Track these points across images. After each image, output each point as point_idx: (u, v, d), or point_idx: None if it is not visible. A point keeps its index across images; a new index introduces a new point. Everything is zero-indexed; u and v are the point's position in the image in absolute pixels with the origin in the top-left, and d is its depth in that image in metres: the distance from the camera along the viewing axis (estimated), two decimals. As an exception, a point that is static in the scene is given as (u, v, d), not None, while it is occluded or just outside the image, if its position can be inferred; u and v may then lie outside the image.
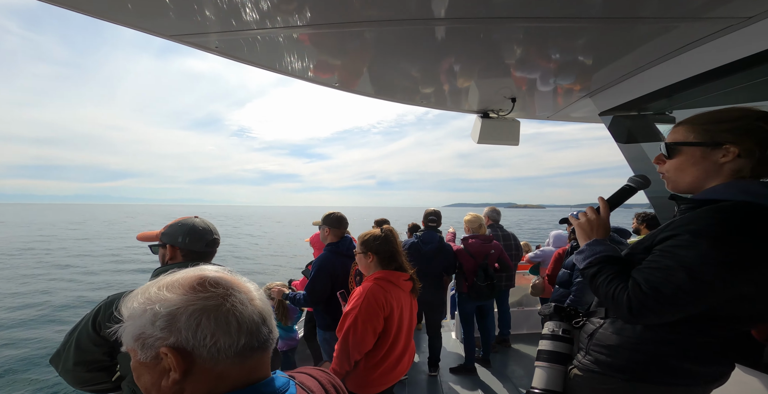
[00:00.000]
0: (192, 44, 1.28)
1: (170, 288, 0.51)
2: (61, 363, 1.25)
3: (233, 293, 0.51)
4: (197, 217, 1.43)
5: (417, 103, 1.98)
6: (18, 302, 9.56)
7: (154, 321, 0.48)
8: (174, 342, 0.48)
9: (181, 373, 0.48)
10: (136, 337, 0.50)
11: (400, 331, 1.58)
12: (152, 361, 0.49)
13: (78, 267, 14.97)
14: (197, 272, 0.54)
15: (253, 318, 0.51)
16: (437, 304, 3.07)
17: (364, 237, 1.65)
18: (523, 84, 1.64)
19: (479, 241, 3.08)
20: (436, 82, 1.67)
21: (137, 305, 0.51)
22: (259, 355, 0.53)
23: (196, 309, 0.48)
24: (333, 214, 2.43)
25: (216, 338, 0.48)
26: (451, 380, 2.94)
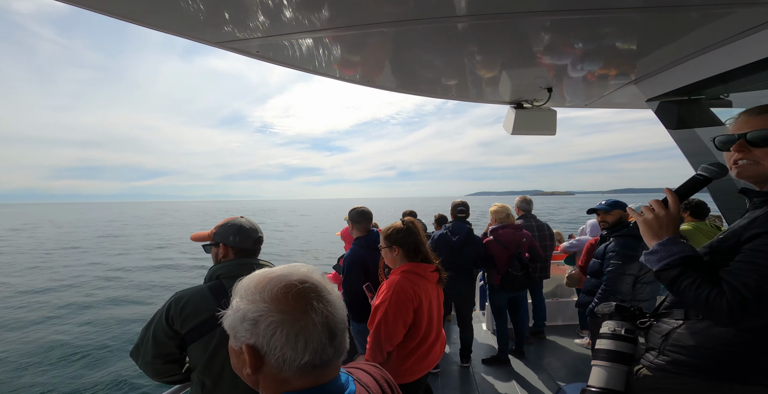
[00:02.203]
0: (235, 50, 1.34)
1: (261, 291, 0.55)
2: (141, 356, 1.33)
3: (311, 310, 0.54)
4: (243, 217, 1.50)
5: (443, 96, 1.96)
6: (80, 293, 10.51)
7: (243, 321, 0.54)
8: (253, 343, 0.54)
9: (252, 370, 0.55)
10: (230, 328, 0.57)
11: (431, 322, 1.60)
12: (238, 350, 0.56)
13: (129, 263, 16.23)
14: (289, 279, 0.57)
15: (321, 339, 0.54)
16: (467, 295, 3.07)
17: (387, 231, 1.66)
18: (561, 74, 1.58)
19: (510, 230, 3.02)
20: (466, 76, 1.64)
21: (237, 300, 0.57)
22: (320, 371, 0.56)
23: (274, 321, 0.53)
24: (356, 209, 2.48)
25: (284, 351, 0.53)
26: (484, 371, 2.96)
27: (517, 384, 2.76)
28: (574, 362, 3.12)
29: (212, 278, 1.35)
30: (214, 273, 1.36)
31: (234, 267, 1.35)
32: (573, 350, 3.35)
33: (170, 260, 16.26)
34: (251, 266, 1.36)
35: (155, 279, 12.24)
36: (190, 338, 1.27)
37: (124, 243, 23.10)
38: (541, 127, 2.08)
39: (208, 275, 1.37)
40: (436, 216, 4.54)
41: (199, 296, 1.29)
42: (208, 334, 1.28)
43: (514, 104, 2.07)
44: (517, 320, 3.22)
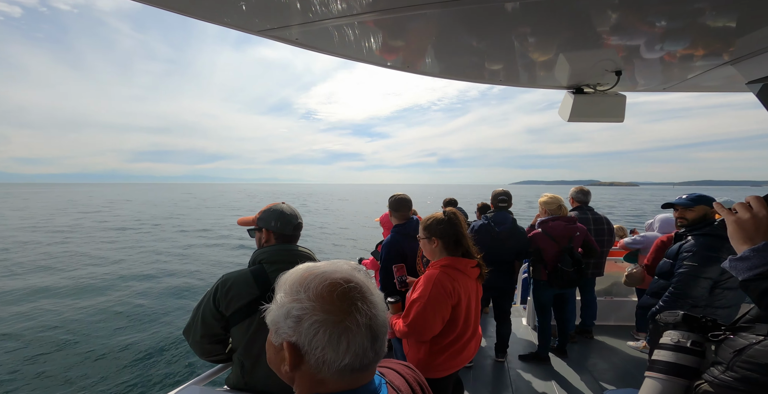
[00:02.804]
0: (275, 38, 1.35)
1: (306, 289, 0.54)
2: (191, 335, 1.40)
3: (355, 311, 0.53)
4: (284, 202, 1.54)
5: (490, 82, 1.82)
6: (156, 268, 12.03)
7: (287, 318, 0.54)
8: (295, 341, 0.53)
9: (291, 367, 0.54)
10: (273, 323, 0.56)
11: (468, 319, 1.54)
12: (278, 346, 0.56)
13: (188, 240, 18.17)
14: (334, 276, 0.56)
15: (364, 342, 0.53)
16: (507, 289, 2.95)
17: (427, 221, 1.59)
18: (634, 55, 1.37)
19: (562, 223, 2.79)
20: (516, 59, 1.50)
21: (282, 296, 0.56)
22: (358, 374, 0.55)
23: (318, 320, 0.52)
24: (395, 196, 2.47)
25: (325, 352, 0.51)
26: (520, 367, 2.86)
27: (556, 383, 2.63)
28: (624, 365, 2.89)
29: (255, 262, 1.40)
30: (256, 258, 1.41)
31: (275, 253, 1.40)
32: (624, 353, 3.10)
33: (223, 238, 17.87)
34: (291, 252, 1.42)
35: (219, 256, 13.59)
36: (234, 320, 1.33)
37: (190, 221, 25.95)
38: (605, 114, 1.87)
39: (251, 259, 1.43)
40: (479, 204, 4.38)
41: (243, 280, 1.33)
42: (248, 318, 1.32)
43: (572, 89, 1.86)
44: (562, 317, 3.03)
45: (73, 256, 12.65)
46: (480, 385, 2.59)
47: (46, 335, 5.94)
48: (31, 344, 5.64)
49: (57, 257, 12.29)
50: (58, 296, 8.07)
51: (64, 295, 8.12)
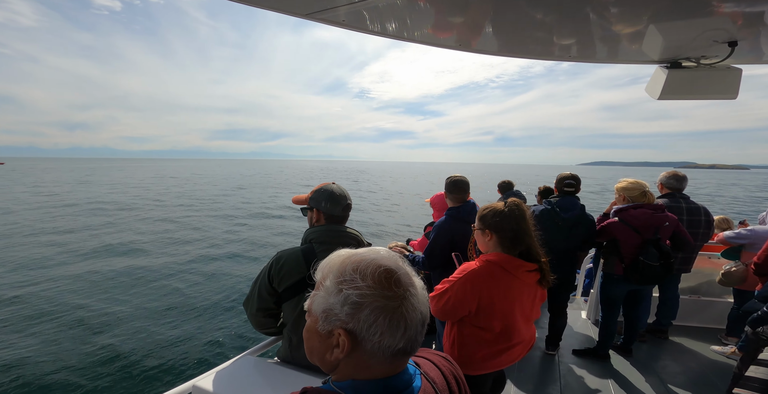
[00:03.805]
0: (322, 20, 1.32)
1: (363, 275, 0.54)
2: (249, 308, 1.46)
3: (408, 296, 0.54)
4: (334, 183, 1.56)
5: (558, 58, 1.58)
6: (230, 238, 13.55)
7: (344, 304, 0.53)
8: (351, 328, 0.53)
9: (345, 354, 0.54)
10: (324, 310, 0.55)
11: (513, 325, 1.41)
12: (326, 333, 0.55)
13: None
14: (386, 262, 0.56)
15: (418, 326, 0.54)
16: (566, 280, 2.73)
17: (483, 211, 1.47)
18: (757, 23, 1.08)
19: (648, 211, 2.43)
20: (592, 33, 1.28)
21: (333, 282, 0.55)
22: (404, 359, 0.56)
23: (378, 307, 0.52)
24: (451, 178, 2.38)
25: (383, 337, 0.52)
26: (573, 362, 2.70)
27: (614, 382, 2.43)
28: (702, 370, 2.57)
29: (306, 241, 1.45)
30: (307, 237, 1.45)
31: (323, 233, 1.43)
32: (705, 357, 2.75)
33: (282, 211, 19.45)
34: (339, 233, 1.45)
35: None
36: (285, 296, 1.38)
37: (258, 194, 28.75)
38: (712, 90, 1.55)
39: (303, 238, 1.47)
40: (541, 188, 4.03)
41: (294, 258, 1.37)
42: (297, 296, 1.36)
43: (665, 64, 1.56)
44: (633, 314, 2.74)
45: (157, 221, 14.96)
46: (525, 377, 2.51)
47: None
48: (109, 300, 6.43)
49: (145, 228, 14.52)
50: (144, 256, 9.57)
51: (143, 256, 9.52)
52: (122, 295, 6.72)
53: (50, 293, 6.81)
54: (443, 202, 2.87)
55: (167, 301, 6.47)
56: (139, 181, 41.66)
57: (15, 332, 5.26)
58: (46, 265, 8.60)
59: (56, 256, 9.41)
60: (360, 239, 1.50)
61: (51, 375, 4.19)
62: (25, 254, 9.42)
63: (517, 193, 4.01)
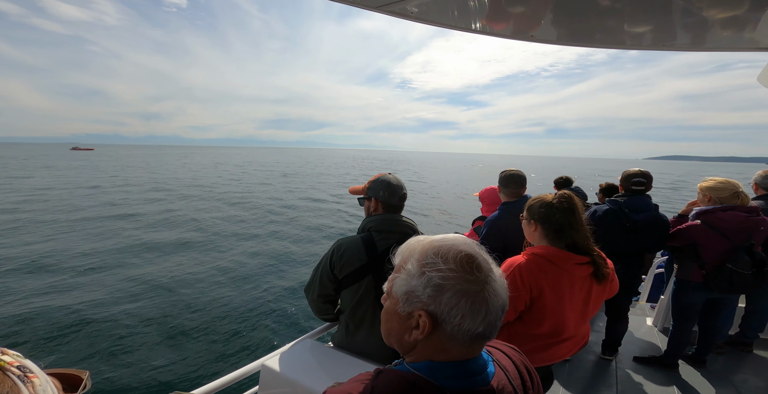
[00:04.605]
0: (393, 13, 1.33)
1: (445, 259, 0.55)
2: (310, 294, 1.50)
3: (490, 281, 0.55)
4: (390, 173, 1.59)
5: (630, 47, 1.43)
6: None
7: (426, 287, 0.54)
8: (432, 310, 0.54)
9: (425, 335, 0.55)
10: (405, 292, 0.57)
11: (564, 320, 1.36)
12: (405, 315, 0.57)
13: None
14: (466, 248, 0.57)
15: (498, 311, 0.55)
16: (629, 284, 2.54)
17: (532, 201, 1.44)
18: None
19: (741, 214, 2.17)
20: (674, 17, 1.14)
21: (415, 265, 0.57)
22: (481, 343, 0.57)
23: (460, 290, 0.53)
24: (506, 172, 2.31)
25: (464, 320, 0.53)
26: (633, 369, 2.52)
27: (679, 391, 2.25)
28: None
29: (364, 229, 1.49)
30: (365, 225, 1.49)
31: (382, 222, 1.46)
32: None
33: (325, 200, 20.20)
34: (397, 222, 1.48)
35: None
36: (344, 283, 1.42)
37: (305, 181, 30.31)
38: None
39: (360, 227, 1.52)
40: (603, 185, 3.72)
41: (354, 246, 1.41)
42: (357, 283, 1.39)
43: None
44: (711, 324, 2.49)
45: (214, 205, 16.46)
46: (575, 380, 2.41)
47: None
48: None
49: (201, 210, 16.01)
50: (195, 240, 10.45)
51: (197, 244, 10.21)
52: (201, 281, 7.22)
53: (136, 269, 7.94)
54: (494, 196, 2.79)
55: (238, 287, 7.03)
56: (217, 166, 47.89)
57: (111, 303, 6.18)
58: (145, 247, 9.71)
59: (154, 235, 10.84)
60: (415, 228, 1.53)
61: (135, 352, 4.68)
62: (136, 234, 10.76)
63: (577, 189, 3.74)
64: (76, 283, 6.97)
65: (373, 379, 0.57)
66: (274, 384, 1.28)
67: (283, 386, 1.25)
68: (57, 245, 9.41)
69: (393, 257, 0.65)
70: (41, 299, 6.17)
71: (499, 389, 0.58)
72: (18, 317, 5.50)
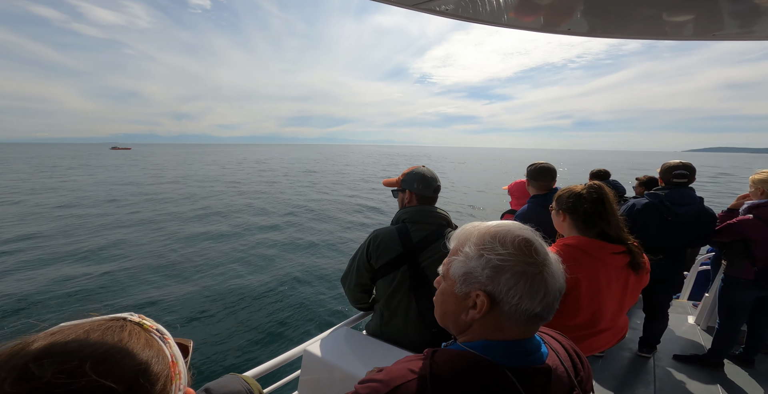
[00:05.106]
0: (427, 10, 1.34)
1: (502, 242, 0.57)
2: (347, 283, 1.53)
3: (548, 264, 0.57)
4: (424, 166, 1.61)
5: (669, 37, 1.36)
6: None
7: (485, 268, 0.56)
8: (490, 290, 0.56)
9: (482, 315, 0.57)
10: (464, 273, 0.59)
11: (600, 310, 1.33)
12: (462, 295, 0.59)
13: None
14: (523, 233, 0.59)
15: (556, 293, 0.57)
16: (668, 279, 2.43)
17: (561, 192, 1.43)
18: None
19: None
20: (722, 5, 1.07)
21: (473, 248, 0.59)
22: (537, 324, 0.58)
23: (519, 271, 0.55)
24: (533, 165, 2.27)
25: (521, 300, 0.55)
26: (673, 367, 2.43)
27: (723, 390, 2.16)
28: None
29: (398, 221, 1.51)
30: (400, 217, 1.51)
31: (416, 213, 1.48)
32: None
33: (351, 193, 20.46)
34: (431, 213, 1.49)
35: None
36: (380, 273, 1.44)
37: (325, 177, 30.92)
38: None
39: (394, 218, 1.54)
40: (642, 178, 3.54)
41: (390, 236, 1.43)
42: (392, 273, 1.41)
43: None
44: (762, 322, 2.37)
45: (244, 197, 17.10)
46: (609, 376, 2.35)
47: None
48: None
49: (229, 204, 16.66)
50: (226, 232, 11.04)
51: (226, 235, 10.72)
52: (247, 270, 7.78)
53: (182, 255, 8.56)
54: (523, 189, 2.74)
55: (278, 276, 7.39)
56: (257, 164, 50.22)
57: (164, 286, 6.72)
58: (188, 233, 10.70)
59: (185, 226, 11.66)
60: (449, 220, 1.53)
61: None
62: (178, 227, 11.54)
63: (615, 183, 3.57)
64: (133, 268, 7.71)
65: (429, 357, 0.58)
66: (315, 368, 1.35)
67: (323, 369, 1.32)
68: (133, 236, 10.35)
69: (448, 241, 0.66)
70: (105, 281, 6.91)
71: (554, 369, 0.59)
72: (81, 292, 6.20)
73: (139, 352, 0.41)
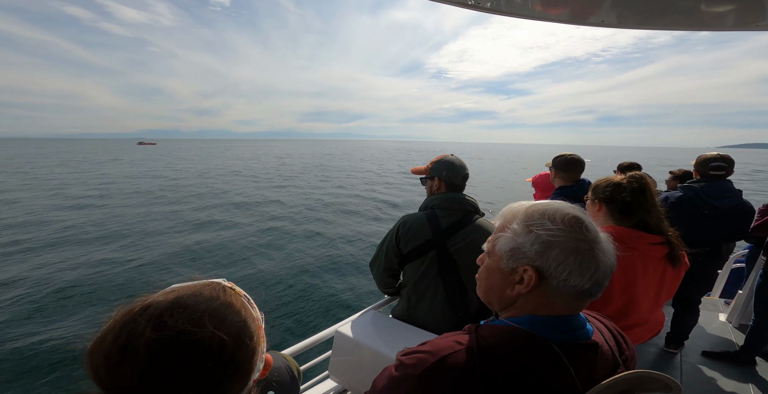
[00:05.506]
0: (451, 2, 1.34)
1: (552, 219, 0.57)
2: (375, 268, 1.57)
3: (599, 241, 0.56)
4: (452, 155, 1.62)
5: (707, 28, 1.29)
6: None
7: (534, 243, 0.56)
8: (539, 265, 0.56)
9: (529, 290, 0.57)
10: (511, 248, 0.58)
11: (634, 300, 1.29)
12: (508, 270, 0.59)
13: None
14: (572, 211, 0.59)
15: (607, 270, 0.56)
16: (700, 275, 2.36)
17: (598, 181, 1.41)
18: None
19: None
20: None
21: (521, 225, 0.59)
22: (585, 300, 0.58)
23: (569, 247, 0.54)
24: (562, 156, 2.24)
25: (571, 276, 0.54)
26: (702, 363, 2.37)
27: (756, 388, 2.09)
28: None
29: (427, 207, 1.53)
30: (429, 203, 1.54)
31: (445, 200, 1.49)
32: None
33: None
34: (459, 200, 1.51)
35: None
36: (408, 258, 1.47)
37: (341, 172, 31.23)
38: None
39: (423, 204, 1.57)
40: (677, 172, 3.42)
41: (419, 222, 1.46)
42: (420, 257, 1.44)
43: None
44: None
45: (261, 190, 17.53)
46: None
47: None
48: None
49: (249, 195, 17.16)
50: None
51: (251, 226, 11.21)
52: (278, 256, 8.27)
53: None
54: (547, 182, 2.72)
55: (309, 264, 7.80)
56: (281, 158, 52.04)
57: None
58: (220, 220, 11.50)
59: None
60: (477, 207, 1.55)
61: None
62: (209, 213, 12.63)
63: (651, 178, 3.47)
64: (172, 252, 8.34)
65: (474, 331, 0.58)
66: (345, 348, 1.41)
67: (353, 349, 1.38)
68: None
69: (467, 229, 0.67)
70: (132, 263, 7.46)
71: (600, 346, 0.58)
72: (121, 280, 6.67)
73: (240, 311, 0.47)
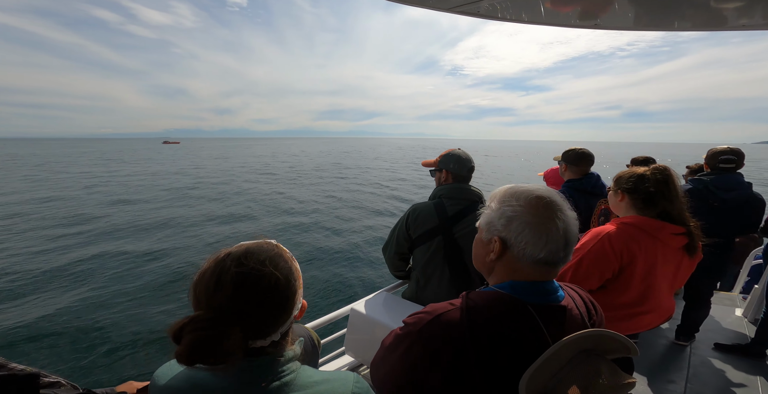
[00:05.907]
0: (462, 12, 1.44)
1: (517, 197, 0.69)
2: (387, 252, 1.70)
3: (555, 218, 0.66)
4: (460, 149, 1.75)
5: (729, 27, 1.33)
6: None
7: (500, 217, 0.69)
8: (504, 236, 0.68)
9: (496, 256, 0.70)
10: (487, 222, 0.72)
11: (652, 289, 1.33)
12: (486, 241, 0.72)
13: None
14: (539, 192, 0.69)
15: (559, 243, 0.66)
16: (712, 269, 2.37)
17: (622, 173, 1.45)
18: None
19: None
20: None
21: (497, 203, 0.72)
22: (549, 268, 0.68)
23: (525, 221, 0.66)
24: (572, 150, 2.31)
25: (527, 245, 0.66)
26: (711, 356, 2.40)
27: (764, 380, 2.12)
28: None
29: (435, 196, 1.67)
30: (437, 193, 1.67)
31: (452, 190, 1.63)
32: None
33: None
34: (465, 190, 1.64)
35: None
36: (417, 243, 1.59)
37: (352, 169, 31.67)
38: None
39: (432, 194, 1.71)
40: (692, 166, 3.40)
41: (427, 210, 1.59)
42: (428, 242, 1.56)
43: None
44: None
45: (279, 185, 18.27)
46: (641, 360, 2.36)
47: None
48: None
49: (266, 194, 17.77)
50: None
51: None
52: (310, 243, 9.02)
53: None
54: (557, 176, 2.78)
55: (328, 250, 8.56)
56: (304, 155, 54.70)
57: None
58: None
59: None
60: (482, 196, 1.67)
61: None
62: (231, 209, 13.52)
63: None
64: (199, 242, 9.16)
65: (465, 296, 0.70)
66: (360, 324, 1.56)
67: (367, 326, 1.53)
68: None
69: (472, 217, 0.83)
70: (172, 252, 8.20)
71: (569, 309, 0.69)
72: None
73: (288, 260, 0.66)
